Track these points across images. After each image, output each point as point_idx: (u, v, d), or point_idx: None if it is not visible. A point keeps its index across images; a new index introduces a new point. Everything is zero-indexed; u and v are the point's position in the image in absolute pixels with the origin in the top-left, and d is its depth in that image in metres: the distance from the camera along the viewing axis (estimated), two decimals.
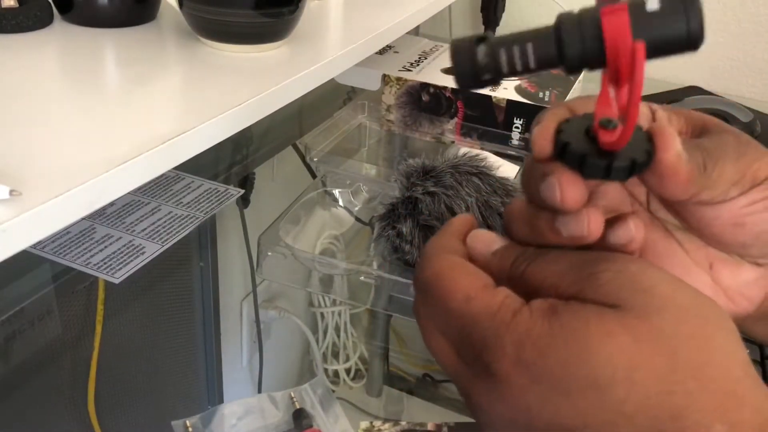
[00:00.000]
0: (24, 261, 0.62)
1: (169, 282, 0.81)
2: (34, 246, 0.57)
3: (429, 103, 0.84)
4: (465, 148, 0.78)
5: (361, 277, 0.64)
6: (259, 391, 0.99)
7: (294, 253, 0.64)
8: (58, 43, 0.58)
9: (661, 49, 0.25)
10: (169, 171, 0.50)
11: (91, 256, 0.61)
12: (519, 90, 0.83)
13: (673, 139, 0.28)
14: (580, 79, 0.90)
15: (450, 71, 0.28)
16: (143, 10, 0.64)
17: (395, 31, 0.73)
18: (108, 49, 0.59)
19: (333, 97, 0.98)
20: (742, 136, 0.31)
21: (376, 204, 0.73)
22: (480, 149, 0.79)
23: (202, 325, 0.88)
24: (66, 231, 0.63)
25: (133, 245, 0.63)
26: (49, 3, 0.61)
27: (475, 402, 0.28)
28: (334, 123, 0.84)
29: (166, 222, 0.66)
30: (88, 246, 0.62)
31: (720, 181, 0.29)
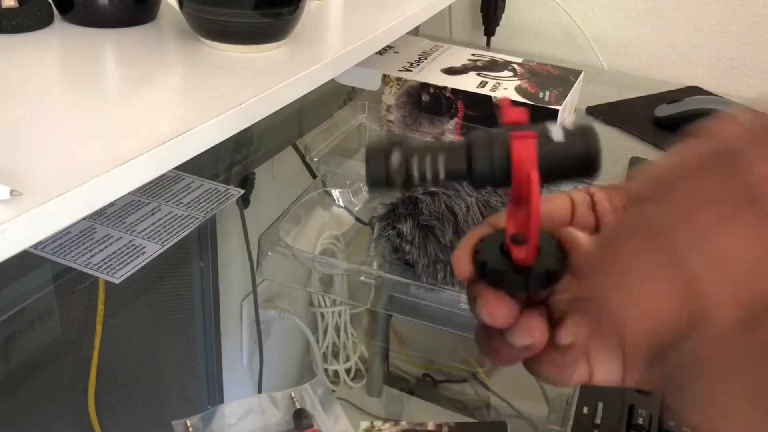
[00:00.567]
0: (24, 261, 0.62)
1: (169, 282, 0.81)
2: (34, 246, 0.57)
3: (429, 103, 0.84)
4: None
5: (361, 277, 0.64)
6: (259, 391, 0.99)
7: (294, 253, 0.64)
8: (58, 43, 0.58)
9: (561, 174, 0.28)
10: (169, 171, 0.50)
11: (91, 256, 0.61)
12: (519, 90, 0.83)
13: (577, 242, 0.29)
14: (580, 79, 0.90)
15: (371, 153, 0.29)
16: (143, 10, 0.64)
17: (395, 31, 0.73)
18: (108, 49, 0.59)
19: (333, 97, 0.98)
20: None
21: (376, 204, 0.73)
22: None
23: (202, 325, 0.88)
24: (66, 231, 0.63)
25: (133, 245, 0.63)
26: (49, 3, 0.61)
27: None
28: (334, 123, 0.84)
29: (166, 222, 0.66)
30: (89, 246, 0.62)
31: None
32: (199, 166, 0.77)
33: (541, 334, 0.29)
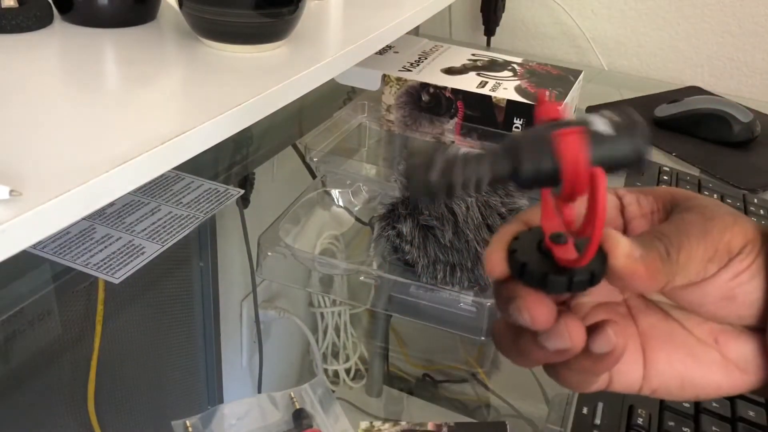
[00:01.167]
0: (24, 261, 0.62)
1: (169, 282, 0.81)
2: (34, 246, 0.57)
3: (429, 103, 0.84)
4: (465, 148, 0.78)
5: (361, 277, 0.64)
6: (259, 391, 0.99)
7: (294, 253, 0.64)
8: (58, 43, 0.58)
9: (610, 169, 0.26)
10: (169, 171, 0.50)
11: (91, 256, 0.61)
12: (519, 90, 0.83)
13: (618, 245, 0.28)
14: (580, 79, 0.90)
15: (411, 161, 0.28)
16: (143, 10, 0.64)
17: (395, 31, 0.73)
18: (108, 49, 0.59)
19: (333, 97, 0.98)
20: (708, 209, 0.31)
21: (376, 204, 0.73)
22: (480, 149, 0.79)
23: (202, 325, 0.88)
24: (66, 231, 0.63)
25: (133, 245, 0.63)
26: (49, 3, 0.60)
27: None
28: (334, 123, 0.84)
29: (166, 222, 0.66)
30: (88, 246, 0.62)
31: (691, 263, 0.29)
32: (199, 166, 0.77)
33: (580, 339, 0.28)
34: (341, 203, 0.76)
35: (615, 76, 1.19)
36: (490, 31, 1.24)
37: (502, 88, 0.83)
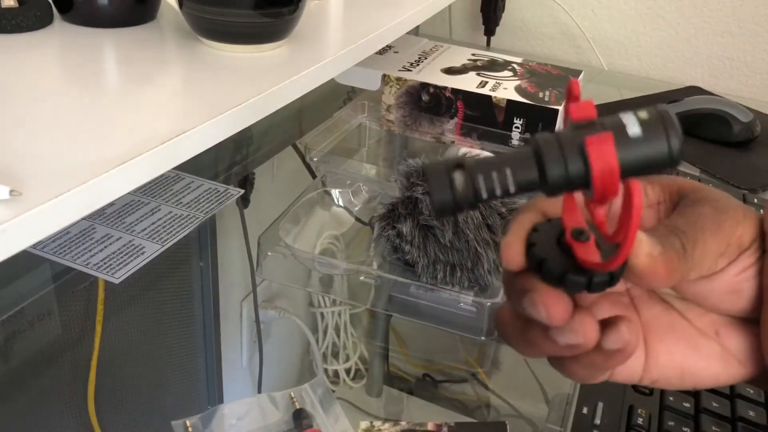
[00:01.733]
0: (24, 261, 0.62)
1: (169, 282, 0.81)
2: (34, 246, 0.57)
3: (429, 102, 0.84)
4: (465, 148, 0.78)
5: (361, 277, 0.64)
6: (259, 391, 0.99)
7: (294, 253, 0.64)
8: (58, 43, 0.58)
9: (643, 170, 0.25)
10: (169, 171, 0.50)
11: (91, 256, 0.61)
12: (519, 90, 0.83)
13: (639, 243, 0.28)
14: (580, 79, 0.90)
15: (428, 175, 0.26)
16: (143, 10, 0.64)
17: (395, 31, 0.73)
18: (108, 49, 0.59)
19: (333, 97, 0.98)
20: (719, 201, 0.31)
21: (376, 204, 0.73)
22: (480, 149, 0.79)
23: (202, 324, 0.88)
24: (66, 231, 0.63)
25: (133, 245, 0.63)
26: (49, 3, 0.60)
27: None
28: (334, 123, 0.84)
29: (166, 222, 0.66)
30: (88, 246, 0.62)
31: (704, 257, 0.29)
32: (199, 166, 0.77)
33: (593, 336, 0.28)
34: (341, 203, 0.76)
35: (615, 76, 1.19)
36: (490, 31, 1.24)
37: (502, 88, 0.83)
